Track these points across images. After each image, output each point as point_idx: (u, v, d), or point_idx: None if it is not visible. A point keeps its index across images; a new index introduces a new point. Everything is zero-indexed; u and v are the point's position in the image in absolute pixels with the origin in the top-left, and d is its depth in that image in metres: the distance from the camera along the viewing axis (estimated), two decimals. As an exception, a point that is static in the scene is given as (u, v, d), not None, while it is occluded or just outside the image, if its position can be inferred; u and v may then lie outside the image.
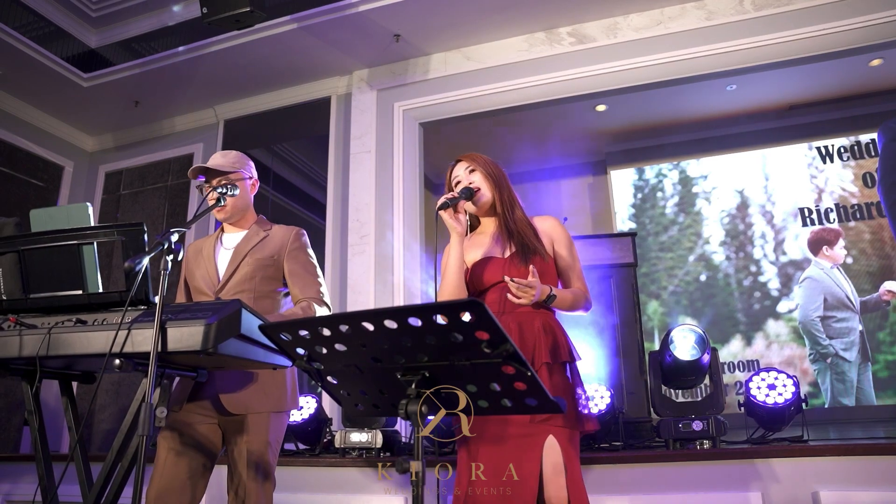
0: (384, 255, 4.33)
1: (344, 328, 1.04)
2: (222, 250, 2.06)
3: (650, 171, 5.86)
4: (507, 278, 1.66)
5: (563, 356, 1.73)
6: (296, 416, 2.99)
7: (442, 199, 1.76)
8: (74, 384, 1.76)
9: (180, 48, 4.67)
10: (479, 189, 1.85)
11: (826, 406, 4.85)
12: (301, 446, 3.17)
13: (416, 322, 0.96)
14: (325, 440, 3.00)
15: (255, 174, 2.20)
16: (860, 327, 4.94)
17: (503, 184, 1.88)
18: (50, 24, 4.82)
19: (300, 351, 1.14)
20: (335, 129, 4.86)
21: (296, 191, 5.46)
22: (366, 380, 1.16)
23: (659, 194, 5.77)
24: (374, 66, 4.77)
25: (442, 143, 5.22)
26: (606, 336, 3.19)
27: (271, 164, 5.40)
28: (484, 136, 5.49)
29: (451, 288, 1.75)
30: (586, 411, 1.73)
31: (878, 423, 4.49)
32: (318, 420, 3.04)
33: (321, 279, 2.06)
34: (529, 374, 0.99)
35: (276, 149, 5.45)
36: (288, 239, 2.06)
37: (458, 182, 1.89)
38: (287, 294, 2.05)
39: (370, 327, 1.01)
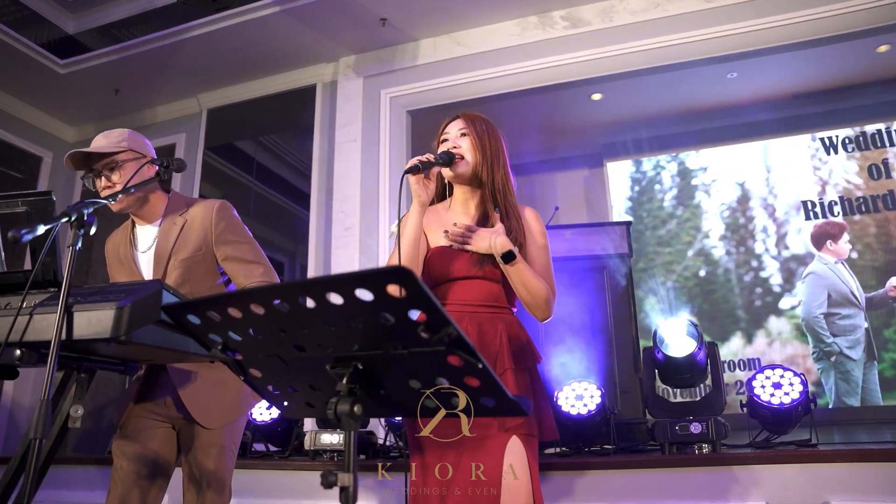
0: (369, 248, 4.19)
1: (257, 309, 0.85)
2: (139, 254, 1.77)
3: (648, 163, 5.69)
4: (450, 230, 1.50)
5: (528, 360, 1.55)
6: (265, 416, 2.81)
7: (413, 161, 1.51)
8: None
9: (160, 33, 4.51)
10: (462, 157, 1.60)
11: (830, 406, 4.68)
12: (272, 448, 2.99)
13: (337, 299, 0.77)
14: (295, 441, 2.81)
15: (152, 152, 1.84)
16: (865, 324, 4.77)
17: (497, 160, 1.63)
18: (25, 9, 4.65)
19: (214, 337, 0.95)
20: (320, 117, 4.73)
21: (281, 182, 5.29)
22: (292, 373, 0.97)
23: (657, 187, 5.60)
24: (361, 52, 4.64)
25: (431, 133, 5.04)
26: (598, 331, 3.00)
27: (255, 154, 5.24)
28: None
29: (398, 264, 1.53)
30: (549, 418, 1.55)
31: (884, 424, 4.32)
32: (289, 420, 2.86)
33: (263, 257, 1.81)
34: (481, 366, 0.81)
35: (261, 138, 5.29)
36: (211, 221, 1.76)
37: (446, 141, 1.65)
38: (229, 282, 1.82)
39: (285, 307, 0.82)
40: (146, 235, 1.79)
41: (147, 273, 1.75)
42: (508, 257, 1.49)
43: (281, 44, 4.49)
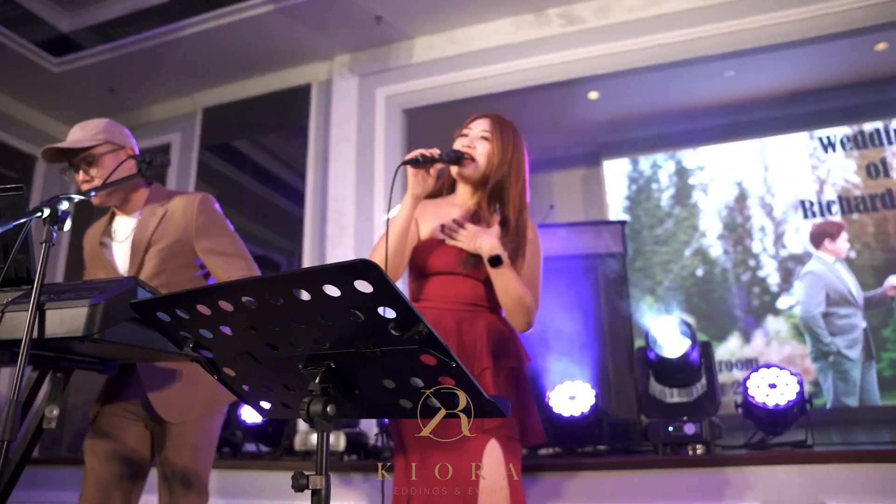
0: (364, 248, 4.17)
1: (225, 306, 0.82)
2: (115, 245, 1.73)
3: (645, 162, 5.66)
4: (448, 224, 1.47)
5: (511, 360, 1.50)
6: (255, 417, 2.78)
7: (415, 153, 1.48)
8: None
9: (155, 31, 4.50)
10: (472, 160, 1.56)
11: (828, 407, 4.65)
12: (263, 448, 2.96)
13: (304, 295, 0.75)
14: (286, 442, 2.79)
15: (132, 142, 1.79)
16: (864, 324, 4.74)
17: (518, 175, 1.59)
18: (19, 7, 4.63)
19: (185, 335, 0.93)
20: (315, 116, 4.72)
21: (276, 180, 5.28)
22: (266, 372, 0.95)
23: (654, 186, 5.57)
24: (357, 50, 4.62)
25: (425, 132, 5.02)
26: (592, 330, 2.97)
27: (250, 153, 5.22)
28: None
29: (381, 255, 1.46)
30: (534, 421, 1.51)
31: (882, 424, 4.28)
32: (279, 420, 2.83)
33: (244, 251, 1.76)
34: (454, 364, 0.78)
35: (256, 137, 5.28)
36: (192, 214, 1.71)
37: (465, 137, 1.61)
38: (209, 275, 1.78)
39: (253, 304, 0.80)
40: (125, 226, 1.75)
41: (122, 263, 1.70)
42: (495, 262, 1.46)
43: (276, 42, 4.47)
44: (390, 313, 0.73)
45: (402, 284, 1.59)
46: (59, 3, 4.74)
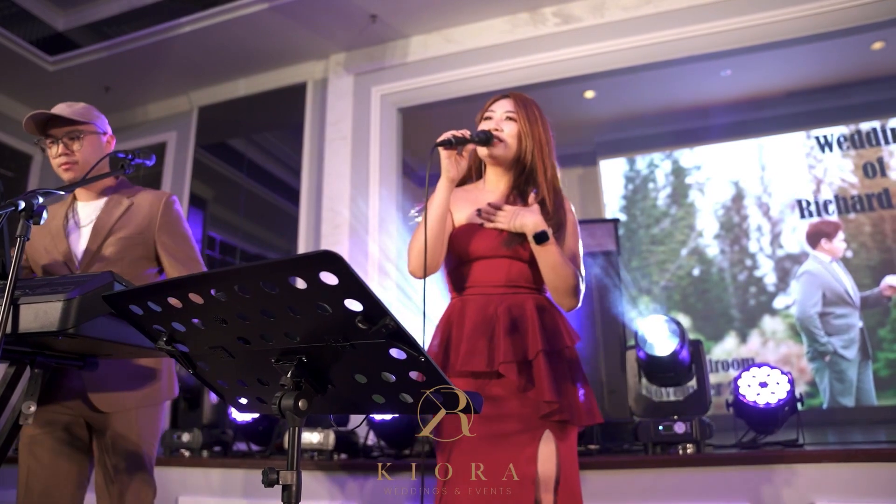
0: (358, 247, 4.15)
1: (195, 298, 0.82)
2: (74, 226, 1.72)
3: (642, 162, 5.66)
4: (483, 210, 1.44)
5: (563, 340, 1.46)
6: (245, 415, 2.77)
7: (447, 135, 1.44)
8: None
9: (150, 29, 4.49)
10: (501, 140, 1.52)
11: (824, 407, 4.64)
12: (254, 447, 2.95)
13: (271, 288, 0.74)
14: (277, 440, 2.78)
15: (110, 130, 1.83)
16: (860, 324, 4.73)
17: (549, 150, 1.56)
18: (14, 6, 4.62)
19: (158, 328, 0.92)
20: (311, 115, 4.71)
21: (271, 178, 5.27)
22: (240, 367, 0.94)
23: (651, 185, 5.57)
24: (352, 49, 4.61)
25: (421, 130, 5.01)
26: (585, 330, 2.96)
27: (246, 152, 5.21)
28: (466, 123, 5.29)
29: (419, 245, 1.41)
30: (591, 401, 1.48)
31: (879, 424, 4.27)
32: (270, 419, 2.82)
33: (199, 260, 1.77)
34: (423, 359, 0.77)
35: (252, 136, 5.27)
36: (158, 209, 1.74)
37: (489, 120, 1.57)
38: (161, 272, 1.77)
39: (223, 297, 0.79)
40: (89, 209, 1.75)
41: (79, 246, 1.68)
42: (541, 238, 1.42)
43: (271, 41, 4.46)
44: (357, 306, 0.73)
45: (439, 274, 1.54)
46: (54, 1, 4.74)
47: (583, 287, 1.51)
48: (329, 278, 0.69)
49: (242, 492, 2.67)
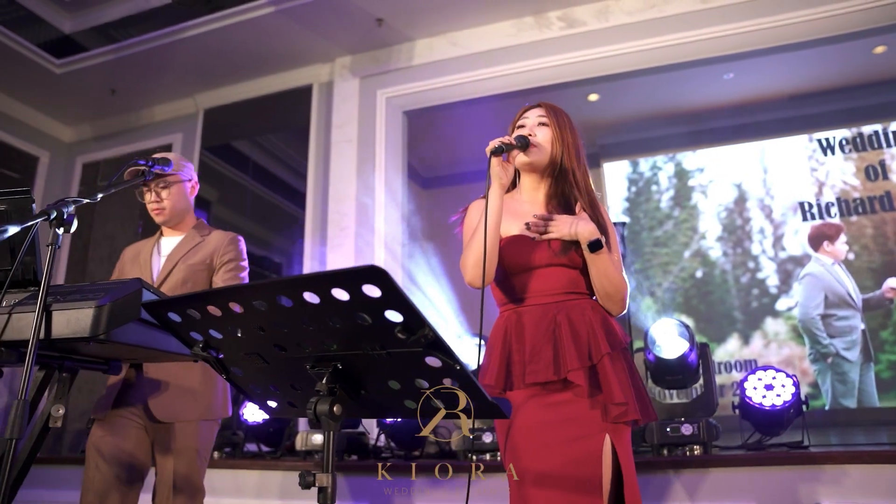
0: (364, 249, 4.17)
1: (235, 307, 0.84)
2: (157, 256, 2.04)
3: (645, 164, 5.68)
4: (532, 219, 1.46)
5: (620, 342, 1.49)
6: (256, 417, 2.80)
7: (496, 143, 1.47)
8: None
9: (157, 32, 4.51)
10: (535, 146, 1.56)
11: (827, 408, 4.66)
12: (264, 448, 2.97)
13: (313, 299, 0.77)
14: (287, 442, 2.80)
15: (195, 178, 2.16)
16: (862, 326, 4.75)
17: (579, 155, 1.60)
18: (21, 8, 4.64)
19: (195, 335, 0.95)
20: (316, 118, 4.73)
21: (277, 181, 5.29)
22: (273, 372, 0.97)
23: (654, 187, 5.59)
24: (357, 52, 4.63)
25: (426, 132, 5.03)
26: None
27: (251, 154, 5.23)
28: (470, 126, 5.32)
29: (478, 254, 1.42)
30: (647, 399, 1.51)
31: (881, 426, 4.30)
32: (280, 420, 2.85)
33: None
34: (459, 367, 0.80)
35: (257, 139, 5.29)
36: (222, 244, 2.04)
37: (522, 127, 1.61)
38: None
39: (263, 306, 0.82)
40: (170, 242, 2.07)
41: (156, 272, 1.98)
42: (596, 246, 1.44)
43: (277, 44, 4.49)
44: (397, 317, 0.75)
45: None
46: (61, 4, 4.76)
47: (626, 299, 1.55)
48: (372, 290, 0.72)
49: (253, 493, 2.69)
